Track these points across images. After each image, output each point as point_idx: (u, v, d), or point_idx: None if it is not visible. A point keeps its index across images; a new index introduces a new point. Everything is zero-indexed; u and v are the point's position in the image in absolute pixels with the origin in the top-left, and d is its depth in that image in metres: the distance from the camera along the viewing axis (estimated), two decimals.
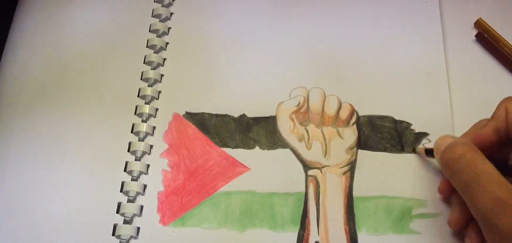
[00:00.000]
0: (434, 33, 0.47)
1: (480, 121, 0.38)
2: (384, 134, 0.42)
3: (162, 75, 0.45)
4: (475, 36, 0.47)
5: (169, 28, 0.47)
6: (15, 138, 0.42)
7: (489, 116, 0.43)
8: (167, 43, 0.46)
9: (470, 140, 0.35)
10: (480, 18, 0.48)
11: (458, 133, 0.43)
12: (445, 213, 0.39)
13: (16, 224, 0.38)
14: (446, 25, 0.48)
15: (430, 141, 0.42)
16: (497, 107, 0.36)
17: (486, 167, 0.32)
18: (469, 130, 0.38)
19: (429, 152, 0.40)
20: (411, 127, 0.43)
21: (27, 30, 0.47)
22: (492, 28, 0.47)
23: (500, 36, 0.46)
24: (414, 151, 0.41)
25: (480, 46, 0.47)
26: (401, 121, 0.43)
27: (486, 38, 0.47)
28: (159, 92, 0.44)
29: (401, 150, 0.42)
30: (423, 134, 0.42)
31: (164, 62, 0.45)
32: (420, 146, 0.42)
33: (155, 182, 0.40)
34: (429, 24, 0.47)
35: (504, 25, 0.47)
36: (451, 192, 0.38)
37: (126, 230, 0.38)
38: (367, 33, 0.47)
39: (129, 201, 0.40)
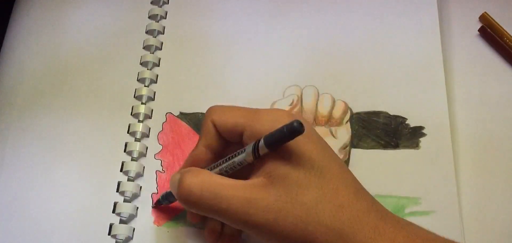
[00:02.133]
0: (430, 27, 0.46)
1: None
2: (378, 130, 0.42)
3: (157, 76, 0.45)
4: (479, 30, 0.46)
5: (164, 28, 0.47)
6: (12, 138, 0.42)
7: (490, 111, 0.43)
8: (162, 43, 0.47)
9: (186, 165, 0.36)
10: (485, 12, 0.47)
11: (457, 129, 0.43)
12: (439, 210, 0.39)
13: (12, 224, 0.39)
14: (450, 18, 0.47)
15: (425, 134, 0.42)
16: (204, 121, 0.36)
17: (219, 180, 0.32)
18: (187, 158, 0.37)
19: (170, 194, 0.38)
20: (406, 122, 0.43)
21: (23, 31, 0.47)
22: (497, 23, 0.46)
23: (505, 30, 0.46)
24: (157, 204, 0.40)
25: (484, 41, 0.46)
26: (396, 116, 0.43)
27: (489, 32, 0.46)
28: (155, 92, 0.44)
29: (396, 146, 0.42)
30: (419, 128, 0.42)
31: (159, 62, 0.46)
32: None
33: (150, 183, 0.41)
34: (426, 18, 0.47)
35: (511, 19, 0.46)
36: (200, 217, 0.38)
37: (122, 230, 0.39)
38: (361, 29, 0.47)
39: (125, 201, 0.40)
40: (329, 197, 0.31)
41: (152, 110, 0.44)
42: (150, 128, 0.43)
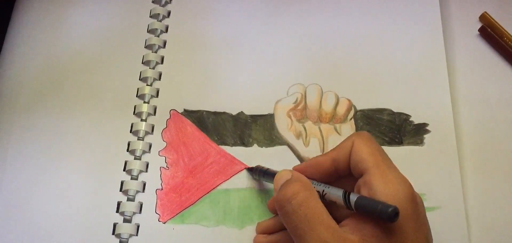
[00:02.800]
0: (433, 25, 0.47)
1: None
2: (382, 127, 0.42)
3: (160, 74, 0.45)
4: (479, 30, 0.47)
5: (167, 27, 0.47)
6: (14, 138, 0.42)
7: (491, 110, 0.44)
8: (165, 42, 0.47)
9: (305, 166, 0.35)
10: (485, 11, 0.47)
11: (460, 127, 0.43)
12: (444, 206, 0.39)
13: (16, 224, 0.39)
14: (450, 18, 0.48)
15: (429, 131, 0.42)
16: (346, 139, 0.35)
17: (317, 209, 0.31)
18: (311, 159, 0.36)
19: (268, 175, 0.38)
20: (410, 119, 0.43)
21: (24, 31, 0.47)
22: (497, 23, 0.47)
23: (505, 30, 0.46)
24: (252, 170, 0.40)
25: (484, 41, 0.47)
26: (400, 113, 0.43)
27: (489, 32, 0.46)
28: (158, 90, 0.44)
29: (400, 143, 0.42)
30: (423, 125, 0.42)
31: (162, 60, 0.46)
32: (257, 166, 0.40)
33: (154, 179, 0.41)
34: (428, 16, 0.47)
35: (511, 19, 0.47)
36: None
37: (125, 229, 0.39)
38: (364, 27, 0.47)
39: (128, 200, 0.40)
40: None
41: (155, 107, 0.44)
42: (153, 125, 0.43)
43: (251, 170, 0.40)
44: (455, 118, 0.43)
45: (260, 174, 0.39)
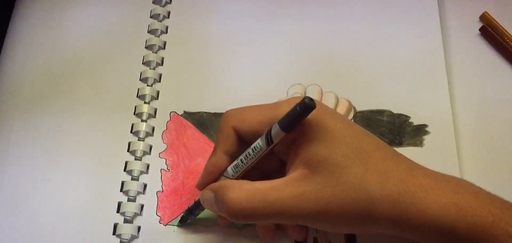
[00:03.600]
0: (432, 25, 0.47)
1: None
2: (382, 128, 0.43)
3: (160, 75, 0.45)
4: (479, 30, 0.47)
5: (167, 27, 0.47)
6: (15, 138, 0.42)
7: (491, 110, 0.44)
8: (165, 42, 0.47)
9: (206, 176, 0.36)
10: (485, 11, 0.47)
11: (460, 127, 0.43)
12: None
13: (16, 225, 0.39)
14: (450, 18, 0.48)
15: (429, 132, 0.42)
16: (221, 127, 0.35)
17: (262, 186, 0.32)
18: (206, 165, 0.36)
19: (194, 208, 0.37)
20: (410, 120, 0.43)
21: (25, 31, 0.47)
22: (497, 22, 0.47)
23: (505, 30, 0.46)
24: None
25: (485, 40, 0.47)
26: (399, 115, 0.43)
27: (490, 32, 0.46)
28: (158, 92, 0.44)
29: (400, 144, 0.42)
30: (422, 126, 0.42)
31: (162, 61, 0.46)
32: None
33: (155, 181, 0.41)
34: (427, 16, 0.47)
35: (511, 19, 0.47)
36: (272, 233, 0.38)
37: (126, 229, 0.39)
38: (364, 28, 0.47)
39: (129, 200, 0.40)
40: (371, 167, 0.31)
41: (156, 109, 0.44)
42: (154, 127, 0.43)
43: (182, 220, 0.39)
44: (455, 119, 0.43)
45: (188, 214, 0.38)
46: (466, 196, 0.31)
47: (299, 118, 0.31)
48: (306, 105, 0.30)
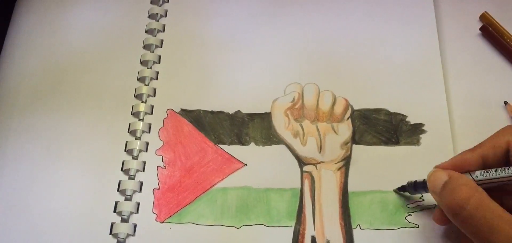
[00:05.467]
0: (428, 25, 0.47)
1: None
2: (379, 127, 0.43)
3: (157, 73, 0.45)
4: (480, 29, 0.47)
5: (164, 26, 0.47)
6: (13, 138, 0.42)
7: (490, 111, 0.44)
8: (162, 41, 0.47)
9: (452, 164, 0.34)
10: (485, 11, 0.47)
11: (457, 127, 0.43)
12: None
13: (14, 224, 0.39)
14: (450, 17, 0.48)
15: (425, 131, 0.42)
16: (495, 134, 0.34)
17: (493, 207, 0.31)
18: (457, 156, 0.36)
19: (419, 186, 0.37)
20: (406, 119, 0.43)
21: (24, 31, 0.47)
22: (497, 22, 0.47)
23: (505, 30, 0.46)
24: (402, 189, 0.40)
25: (485, 40, 0.47)
26: (396, 113, 0.43)
27: (490, 32, 0.46)
28: (155, 89, 0.44)
29: (397, 142, 0.42)
30: (419, 125, 0.43)
31: (159, 59, 0.46)
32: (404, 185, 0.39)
33: (151, 179, 0.41)
34: (424, 16, 0.47)
35: (511, 19, 0.47)
36: (447, 221, 0.35)
37: (123, 229, 0.38)
38: (361, 27, 0.47)
39: (126, 199, 0.40)
40: None
41: (152, 107, 0.43)
42: (150, 124, 0.43)
43: (402, 189, 0.39)
44: (452, 118, 0.43)
45: (412, 187, 0.38)
46: None
47: None
48: None
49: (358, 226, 0.39)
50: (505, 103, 0.43)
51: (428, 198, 0.39)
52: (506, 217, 0.30)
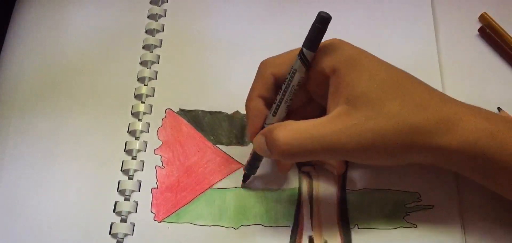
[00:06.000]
0: (426, 27, 0.47)
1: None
2: None
3: (156, 72, 0.45)
4: (478, 30, 0.47)
5: (163, 26, 0.48)
6: (12, 138, 0.42)
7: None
8: (161, 41, 0.47)
9: (251, 121, 0.37)
10: (484, 12, 0.47)
11: None
12: (439, 205, 0.39)
13: (13, 224, 0.39)
14: (449, 18, 0.48)
15: None
16: (258, 74, 0.38)
17: (307, 125, 0.34)
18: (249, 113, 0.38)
19: (256, 159, 0.39)
20: None
21: (24, 31, 0.47)
22: (496, 23, 0.47)
23: (505, 31, 0.46)
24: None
25: (483, 41, 0.47)
26: None
27: (488, 33, 0.46)
28: (154, 89, 0.44)
29: None
30: None
31: (158, 59, 0.46)
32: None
33: (150, 178, 0.41)
34: (421, 18, 0.47)
35: (511, 20, 0.47)
36: (291, 166, 0.40)
37: (121, 228, 0.38)
38: (359, 28, 0.47)
39: (126, 200, 0.40)
40: (407, 99, 0.33)
41: (151, 106, 0.44)
42: (149, 124, 0.43)
43: (246, 178, 0.40)
44: None
45: (249, 169, 0.40)
46: (498, 123, 0.34)
47: (320, 32, 0.34)
48: (322, 18, 0.34)
49: (356, 226, 0.39)
50: (499, 109, 0.43)
51: (427, 198, 0.40)
52: (318, 122, 0.34)
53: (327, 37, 0.47)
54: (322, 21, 0.34)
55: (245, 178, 0.40)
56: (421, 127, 0.33)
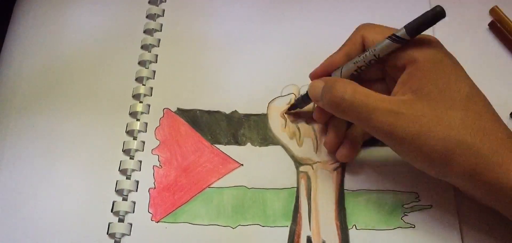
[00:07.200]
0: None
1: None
2: None
3: (154, 72, 0.45)
4: (488, 24, 0.47)
5: (161, 25, 0.48)
6: (10, 138, 0.42)
7: (498, 107, 0.43)
8: (159, 40, 0.47)
9: (322, 68, 0.40)
10: (495, 6, 0.47)
11: None
12: (436, 205, 0.39)
13: (11, 225, 0.39)
14: (459, 12, 0.47)
15: None
16: (352, 33, 0.39)
17: (368, 92, 0.35)
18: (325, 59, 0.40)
19: (306, 98, 0.41)
20: None
21: (23, 32, 0.47)
22: (507, 17, 0.46)
23: None
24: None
25: (494, 36, 0.46)
26: None
27: (499, 28, 0.46)
28: (152, 88, 0.44)
29: None
30: None
31: (156, 59, 0.46)
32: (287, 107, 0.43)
33: (147, 178, 0.41)
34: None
35: None
36: (326, 118, 0.41)
37: (118, 228, 0.38)
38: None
39: (123, 200, 0.40)
40: (473, 119, 0.33)
41: (149, 106, 0.44)
42: (147, 123, 0.43)
43: (293, 107, 0.43)
44: None
45: (300, 103, 0.42)
46: None
47: (427, 23, 0.34)
48: (437, 12, 0.33)
49: (354, 226, 0.39)
50: (511, 115, 0.43)
51: (425, 198, 0.40)
52: (380, 96, 0.35)
53: (327, 35, 0.47)
54: (436, 15, 0.33)
55: (291, 107, 0.42)
56: (468, 148, 0.33)
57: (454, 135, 0.33)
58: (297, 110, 0.43)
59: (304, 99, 0.41)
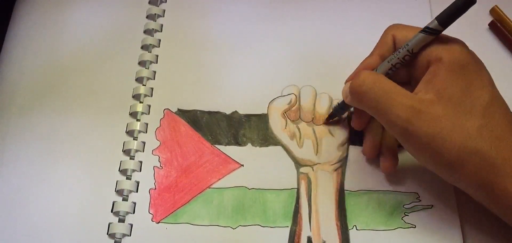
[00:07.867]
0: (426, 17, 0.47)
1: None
2: None
3: (154, 73, 0.45)
4: (489, 24, 0.46)
5: (162, 26, 0.48)
6: (11, 138, 0.42)
7: None
8: (159, 41, 0.47)
9: (357, 70, 0.39)
10: (496, 5, 0.47)
11: None
12: (437, 205, 0.39)
13: (11, 225, 0.39)
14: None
15: None
16: (383, 34, 0.39)
17: (390, 83, 0.35)
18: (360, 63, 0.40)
19: (343, 106, 0.41)
20: None
21: (23, 31, 0.47)
22: (508, 17, 0.46)
23: None
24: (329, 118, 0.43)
25: (494, 36, 0.46)
26: None
27: (499, 27, 0.46)
28: (152, 89, 0.44)
29: (398, 145, 0.42)
30: None
31: (157, 59, 0.46)
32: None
33: (148, 179, 0.40)
34: (420, 19, 0.47)
35: None
36: (364, 124, 0.40)
37: (119, 229, 0.38)
38: (359, 29, 0.47)
39: (124, 200, 0.40)
40: (491, 127, 0.33)
41: (149, 106, 0.44)
42: (147, 124, 0.43)
43: (332, 116, 0.42)
44: None
45: (337, 110, 0.42)
46: None
47: (458, 12, 0.34)
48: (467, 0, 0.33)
49: (354, 226, 0.39)
50: None
51: (425, 198, 0.40)
52: (401, 90, 0.34)
53: (327, 36, 0.47)
54: (466, 2, 0.33)
55: (330, 116, 0.42)
56: (484, 156, 0.33)
57: (469, 144, 0.33)
58: (335, 119, 0.43)
59: (341, 106, 0.41)
